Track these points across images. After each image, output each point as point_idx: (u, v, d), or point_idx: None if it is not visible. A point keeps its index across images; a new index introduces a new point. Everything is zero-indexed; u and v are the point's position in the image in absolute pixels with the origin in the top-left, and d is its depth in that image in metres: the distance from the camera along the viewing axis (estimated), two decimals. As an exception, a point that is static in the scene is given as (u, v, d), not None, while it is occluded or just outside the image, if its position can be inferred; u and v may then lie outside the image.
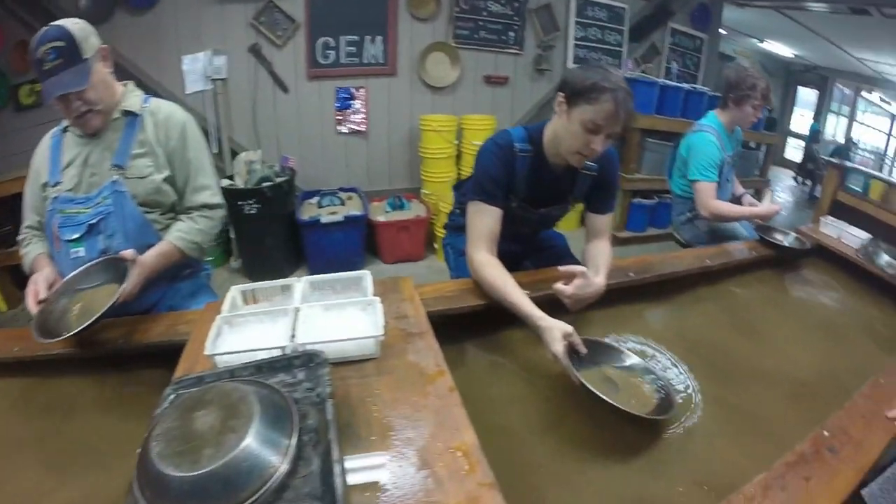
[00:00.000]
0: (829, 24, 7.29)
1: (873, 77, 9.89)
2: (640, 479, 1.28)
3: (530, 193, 1.95)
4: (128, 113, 1.81)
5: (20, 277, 2.50)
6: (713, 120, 2.98)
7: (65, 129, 1.85)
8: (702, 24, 6.41)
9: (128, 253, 1.63)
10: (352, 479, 1.00)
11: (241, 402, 0.95)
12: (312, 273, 4.39)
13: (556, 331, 1.49)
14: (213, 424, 0.91)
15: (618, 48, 5.82)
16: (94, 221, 1.74)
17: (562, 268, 1.72)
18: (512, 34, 5.25)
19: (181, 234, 1.85)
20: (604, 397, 1.34)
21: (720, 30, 6.90)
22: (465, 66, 5.16)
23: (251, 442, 0.88)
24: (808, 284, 2.50)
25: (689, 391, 1.61)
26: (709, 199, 2.78)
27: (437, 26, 4.98)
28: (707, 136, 2.86)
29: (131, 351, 1.56)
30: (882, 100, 11.66)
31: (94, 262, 1.68)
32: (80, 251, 1.76)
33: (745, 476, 1.24)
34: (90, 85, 1.67)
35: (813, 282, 2.52)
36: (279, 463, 0.89)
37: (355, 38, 4.66)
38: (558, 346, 1.46)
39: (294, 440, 0.93)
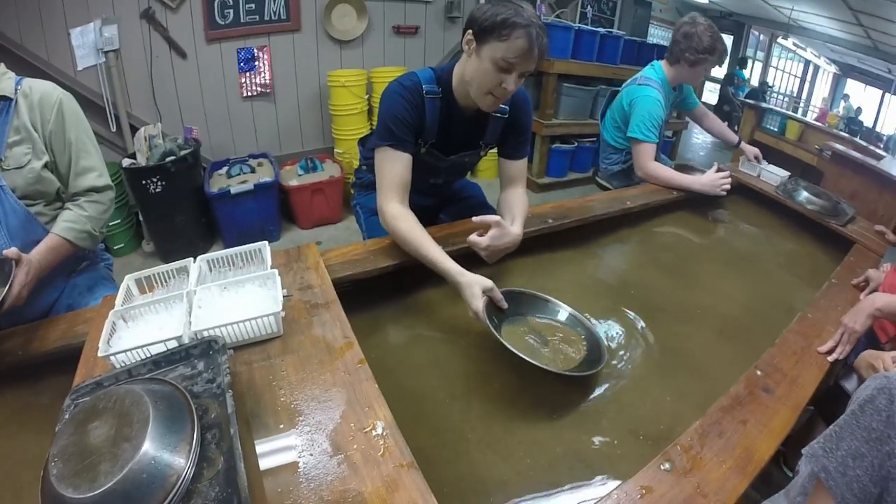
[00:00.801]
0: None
1: (788, 24, 10.17)
2: (572, 433, 1.26)
3: (440, 139, 1.85)
4: (0, 98, 1.65)
5: None
6: (659, 73, 2.84)
7: None
8: (618, -31, 6.38)
9: (10, 252, 1.47)
10: (264, 472, 0.95)
11: (135, 407, 0.87)
12: (228, 246, 4.26)
13: (476, 286, 1.45)
14: (108, 435, 0.84)
15: (531, -7, 5.72)
16: None
17: (475, 218, 1.66)
18: (421, -19, 5.08)
19: (69, 224, 1.70)
20: (525, 357, 1.30)
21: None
22: (372, 18, 4.98)
23: (148, 449, 0.81)
24: (729, 223, 2.57)
25: (619, 336, 1.60)
26: (647, 160, 2.70)
27: (340, -24, 4.78)
28: (652, 93, 2.73)
29: (32, 361, 1.43)
30: (796, 45, 12.11)
31: None
32: None
33: (680, 420, 1.26)
34: None
35: (734, 220, 2.59)
36: (182, 469, 0.83)
37: (255, -7, 4.42)
38: (478, 303, 1.42)
39: (195, 441, 0.87)
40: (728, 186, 2.52)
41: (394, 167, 1.72)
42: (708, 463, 1.07)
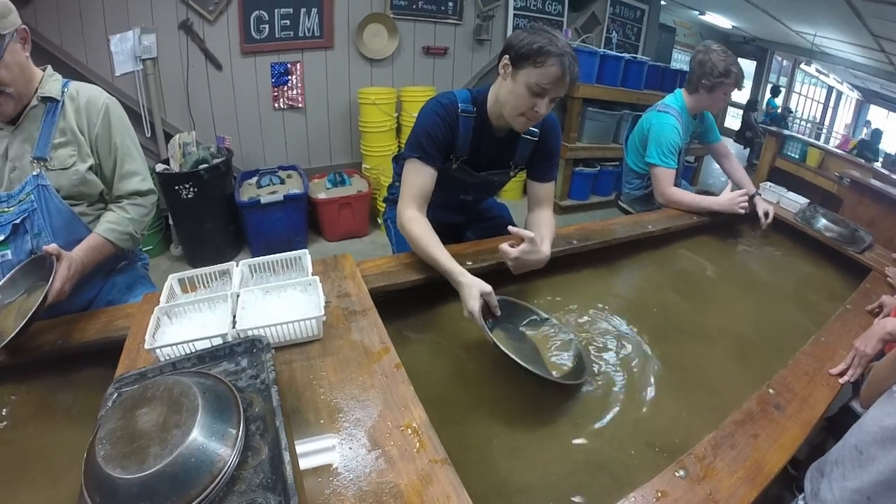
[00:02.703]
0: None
1: (811, 50, 10.15)
2: (592, 444, 1.30)
3: (472, 155, 1.94)
4: (47, 99, 1.69)
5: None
6: (679, 101, 2.88)
7: None
8: (643, -6, 6.44)
9: (50, 248, 1.52)
10: (304, 464, 1.00)
11: (184, 396, 0.92)
12: (255, 255, 4.32)
13: (475, 288, 1.52)
14: (157, 421, 0.88)
15: (558, 18, 5.80)
16: (17, 221, 1.63)
17: (512, 228, 1.73)
18: (451, 4, 5.16)
19: (112, 225, 1.76)
20: (515, 358, 1.36)
21: (661, 1, 6.94)
22: (403, 38, 5.06)
23: (197, 436, 0.86)
24: (748, 247, 2.59)
25: (637, 353, 1.65)
26: (666, 186, 2.73)
27: (374, -4, 4.88)
28: (670, 120, 2.78)
29: (70, 351, 1.48)
30: (819, 71, 12.05)
31: (16, 268, 1.58)
32: (7, 254, 1.66)
33: (694, 434, 1.29)
34: (4, 62, 1.53)
35: (753, 245, 2.61)
36: (228, 455, 0.88)
37: (290, 10, 4.50)
38: (474, 304, 1.49)
39: (241, 430, 0.92)
40: (745, 205, 2.54)
41: (417, 178, 1.82)
42: (720, 472, 1.12)
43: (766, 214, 2.58)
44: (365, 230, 4.86)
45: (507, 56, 1.71)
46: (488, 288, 1.53)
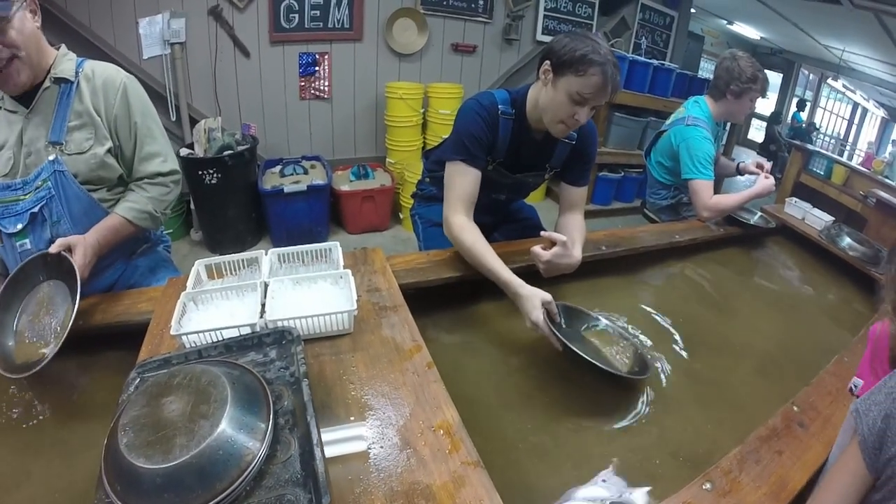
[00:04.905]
0: (798, 10, 7.41)
1: (839, 65, 10.06)
2: (617, 451, 1.29)
3: (509, 158, 1.91)
4: (60, 81, 1.60)
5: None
6: (705, 111, 2.84)
7: None
8: (673, 1, 6.39)
9: (56, 245, 1.46)
10: (333, 461, 0.98)
11: (212, 386, 0.91)
12: (275, 244, 4.37)
13: (536, 299, 1.50)
14: (183, 411, 0.87)
15: (588, 21, 5.76)
16: (35, 209, 1.58)
17: (545, 233, 1.72)
18: (481, 2, 5.14)
19: (130, 204, 1.69)
20: (591, 360, 1.35)
21: (691, 9, 6.89)
22: (432, 33, 5.05)
23: (226, 428, 0.84)
24: (772, 262, 2.57)
25: (663, 363, 1.63)
26: (707, 198, 2.65)
27: (404, -9, 4.87)
28: (702, 133, 2.73)
29: (91, 332, 1.45)
30: (846, 87, 11.93)
31: (15, 270, 1.49)
32: (27, 243, 1.61)
33: (717, 446, 1.29)
34: (12, 26, 1.43)
35: (777, 260, 2.59)
36: (256, 449, 0.86)
37: (320, 1, 4.51)
38: (538, 314, 1.47)
39: (270, 424, 0.90)
40: (772, 179, 2.63)
41: (464, 181, 1.79)
42: (745, 487, 1.10)
43: (761, 166, 2.81)
44: (386, 224, 4.87)
45: (548, 61, 1.69)
46: (548, 297, 1.51)
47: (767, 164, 2.83)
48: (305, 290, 1.42)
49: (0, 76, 1.50)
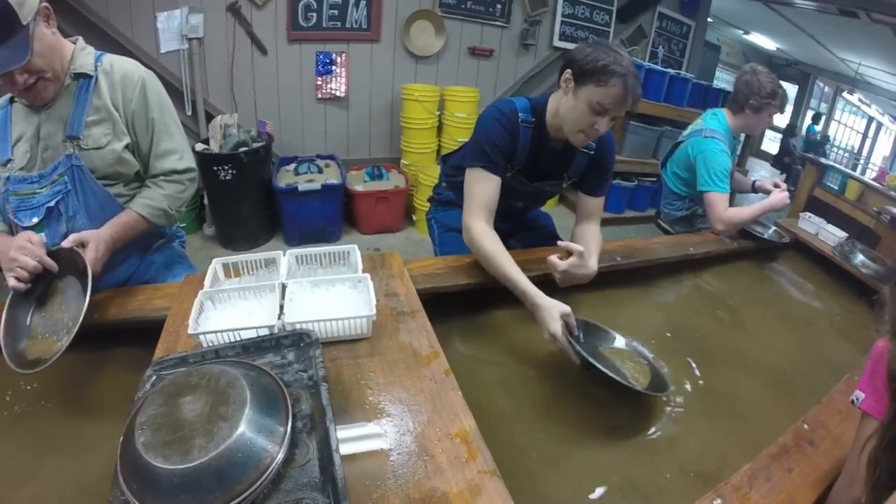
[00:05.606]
0: (815, 22, 7.38)
1: (854, 79, 10.01)
2: (628, 463, 1.29)
3: (527, 166, 1.92)
4: (80, 76, 1.59)
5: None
6: (723, 123, 2.84)
7: (12, 100, 1.62)
8: (690, 10, 6.40)
9: (68, 241, 1.45)
10: (350, 465, 0.97)
11: (231, 388, 0.91)
12: (288, 242, 4.40)
13: (554, 310, 1.48)
14: (202, 412, 0.87)
15: (605, 28, 5.77)
16: (51, 203, 1.58)
17: (561, 243, 1.71)
18: (499, 6, 5.15)
19: (145, 200, 1.69)
20: (610, 374, 1.35)
21: (708, 18, 6.88)
22: (449, 36, 5.06)
23: (245, 431, 0.85)
24: (785, 277, 2.56)
25: (674, 376, 1.63)
26: (723, 210, 2.64)
27: (423, -7, 4.88)
28: (719, 145, 2.73)
29: (105, 327, 1.45)
30: (861, 101, 11.88)
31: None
32: (42, 237, 1.55)
33: (728, 461, 1.29)
34: (33, 55, 1.41)
35: (790, 275, 2.58)
36: (275, 452, 0.86)
37: (338, 0, 4.53)
38: (556, 326, 1.46)
39: (289, 427, 0.90)
40: (787, 192, 2.67)
41: (485, 188, 1.79)
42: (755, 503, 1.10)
43: (777, 185, 2.78)
44: (399, 225, 4.87)
45: (569, 70, 1.69)
46: (567, 309, 1.50)
47: (784, 185, 2.82)
48: (324, 292, 1.42)
49: (28, 94, 1.52)
